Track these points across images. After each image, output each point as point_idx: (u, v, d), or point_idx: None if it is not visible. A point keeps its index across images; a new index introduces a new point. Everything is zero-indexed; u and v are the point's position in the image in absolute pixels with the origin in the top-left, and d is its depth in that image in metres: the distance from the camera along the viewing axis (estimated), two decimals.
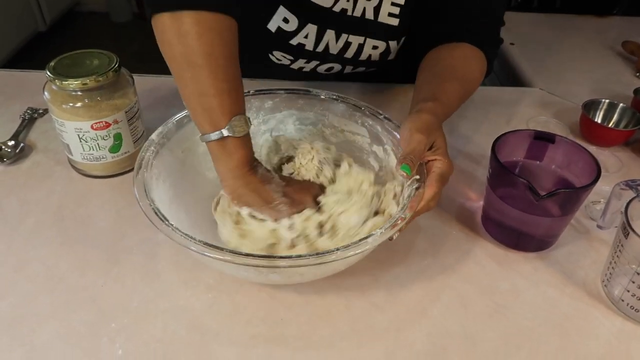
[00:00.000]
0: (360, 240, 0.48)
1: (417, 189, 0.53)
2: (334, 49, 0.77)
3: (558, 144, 0.61)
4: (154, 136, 0.58)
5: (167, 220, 0.49)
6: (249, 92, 0.65)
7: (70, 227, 0.62)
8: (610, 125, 0.82)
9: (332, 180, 0.62)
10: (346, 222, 0.55)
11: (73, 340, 0.50)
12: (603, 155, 0.77)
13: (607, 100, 0.82)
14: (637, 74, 1.02)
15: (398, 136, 0.60)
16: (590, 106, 0.82)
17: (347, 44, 0.76)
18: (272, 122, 0.68)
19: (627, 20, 1.26)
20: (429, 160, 0.56)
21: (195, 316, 0.53)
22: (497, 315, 0.54)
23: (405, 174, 0.52)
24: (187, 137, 0.61)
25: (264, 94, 0.66)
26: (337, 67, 0.82)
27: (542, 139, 0.62)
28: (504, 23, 0.76)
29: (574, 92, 0.93)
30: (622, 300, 0.54)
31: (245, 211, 0.55)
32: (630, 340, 0.52)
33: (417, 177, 0.54)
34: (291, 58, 0.80)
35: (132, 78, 0.68)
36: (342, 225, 0.55)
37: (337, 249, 0.47)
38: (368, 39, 0.75)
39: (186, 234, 0.48)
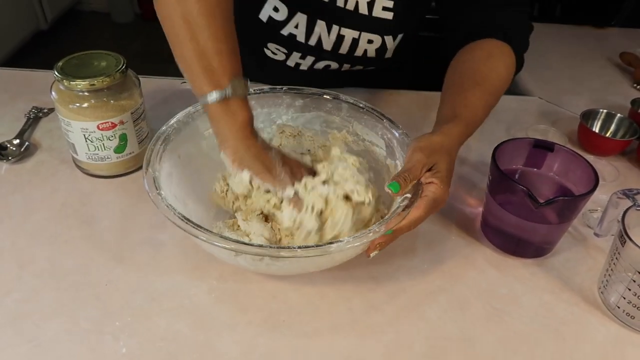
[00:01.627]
0: (357, 235, 0.49)
1: (404, 207, 0.52)
2: (328, 44, 0.77)
3: (557, 153, 0.62)
4: (163, 127, 0.60)
5: (175, 210, 0.50)
6: (282, 88, 0.67)
7: (74, 225, 0.63)
8: (607, 135, 0.83)
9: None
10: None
11: (78, 338, 0.51)
12: (600, 164, 0.78)
13: (605, 111, 0.84)
14: (635, 84, 1.03)
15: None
16: (589, 116, 0.83)
17: (340, 38, 0.76)
18: (300, 120, 0.69)
19: (625, 31, 1.27)
20: (425, 183, 0.54)
21: (198, 315, 0.53)
22: (494, 319, 0.55)
23: (391, 191, 0.51)
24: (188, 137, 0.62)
25: (296, 92, 0.68)
26: (334, 65, 0.82)
27: (542, 148, 0.63)
28: (529, 8, 0.71)
29: (572, 101, 0.95)
30: (618, 307, 0.55)
31: (246, 175, 0.55)
32: (625, 347, 0.53)
33: (408, 195, 0.53)
34: (285, 51, 0.81)
35: (138, 79, 0.69)
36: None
37: (330, 243, 0.48)
38: (363, 33, 0.75)
39: (195, 224, 0.48)
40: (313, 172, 0.58)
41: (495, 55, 0.66)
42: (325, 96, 0.68)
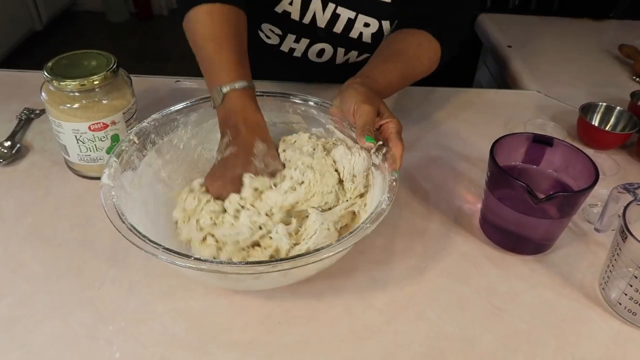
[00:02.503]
0: (347, 235, 0.48)
1: (385, 153, 0.56)
2: (322, 21, 0.77)
3: (556, 147, 0.61)
4: (131, 135, 0.59)
5: (135, 229, 0.49)
6: (171, 110, 0.63)
7: (67, 228, 0.62)
8: (607, 128, 0.82)
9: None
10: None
11: (71, 342, 0.50)
12: (600, 158, 0.77)
13: (604, 104, 0.83)
14: (634, 77, 1.02)
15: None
16: (588, 109, 0.82)
17: (336, 16, 0.77)
18: (201, 135, 0.65)
19: (624, 23, 1.26)
20: (380, 125, 0.59)
21: (193, 319, 0.53)
22: (494, 317, 0.54)
23: (372, 144, 0.56)
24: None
25: (188, 107, 0.64)
26: (328, 49, 0.82)
27: (541, 142, 0.62)
28: (476, 14, 0.77)
29: (570, 95, 0.94)
30: (620, 304, 0.54)
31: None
32: (626, 343, 0.52)
33: (380, 142, 0.57)
34: (279, 33, 0.81)
35: (130, 79, 0.68)
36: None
37: (315, 251, 0.47)
38: (360, 15, 0.76)
39: (153, 242, 0.47)
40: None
41: (424, 46, 0.72)
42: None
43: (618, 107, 0.82)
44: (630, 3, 1.32)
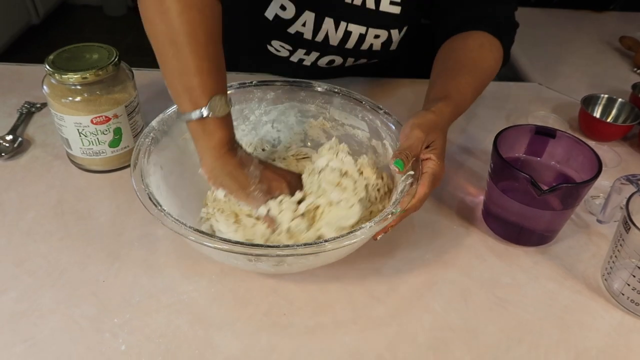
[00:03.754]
0: (348, 233, 0.48)
1: (410, 184, 0.53)
2: (334, 40, 0.76)
3: (559, 139, 0.61)
4: (154, 123, 0.59)
5: (160, 206, 0.49)
6: (251, 82, 0.66)
7: (70, 221, 0.62)
8: (608, 120, 0.82)
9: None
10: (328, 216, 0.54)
11: (75, 336, 0.50)
12: (602, 150, 0.77)
13: (605, 95, 0.83)
14: (635, 69, 1.02)
15: (395, 131, 0.60)
16: (589, 101, 0.82)
17: (348, 34, 0.75)
18: (273, 113, 0.68)
19: (624, 15, 1.26)
20: (423, 159, 0.56)
21: (198, 310, 0.53)
22: (497, 308, 0.55)
23: (397, 169, 0.52)
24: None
25: (267, 84, 0.66)
26: (338, 60, 0.81)
27: (543, 134, 0.62)
28: (517, 7, 0.74)
29: (572, 87, 0.94)
30: (622, 294, 0.54)
31: (221, 193, 0.55)
32: (629, 334, 0.53)
33: (412, 172, 0.54)
34: (290, 48, 0.80)
35: (132, 72, 0.68)
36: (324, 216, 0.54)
37: (326, 241, 0.47)
38: (370, 29, 0.75)
39: (177, 220, 0.47)
40: (300, 181, 0.58)
41: (486, 47, 0.69)
42: (296, 85, 0.66)
43: (620, 99, 0.82)
44: None
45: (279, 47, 0.81)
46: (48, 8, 2.91)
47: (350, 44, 0.77)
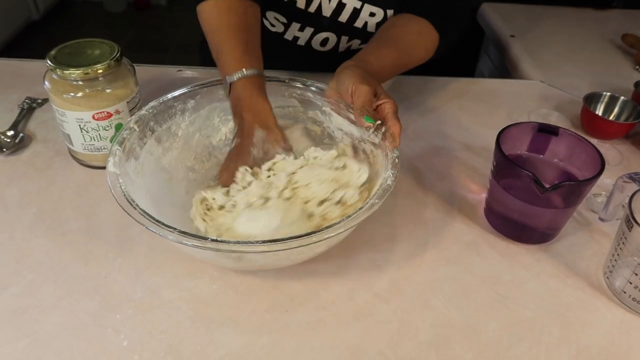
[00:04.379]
0: (351, 215, 0.48)
1: (384, 132, 0.56)
2: (327, 10, 0.77)
3: (561, 137, 0.61)
4: (131, 123, 0.59)
5: (147, 214, 0.49)
6: (167, 97, 0.63)
7: (71, 217, 0.62)
8: (611, 118, 0.82)
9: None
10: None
11: (78, 331, 0.50)
12: (604, 148, 0.77)
13: (608, 93, 0.83)
14: (637, 67, 1.02)
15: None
16: (592, 99, 0.82)
17: (341, 5, 0.76)
18: (199, 121, 0.65)
19: (627, 13, 1.26)
20: (377, 106, 0.59)
21: (199, 307, 0.53)
22: (499, 306, 0.55)
23: (371, 124, 0.56)
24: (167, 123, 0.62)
25: (184, 94, 0.64)
26: (332, 38, 0.82)
27: (546, 132, 0.62)
28: (476, 11, 0.76)
29: (574, 84, 0.94)
30: (624, 292, 0.54)
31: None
32: (631, 332, 0.53)
33: (379, 122, 0.57)
34: (284, 21, 0.81)
35: (133, 68, 0.68)
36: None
37: (331, 226, 0.47)
38: (366, 5, 0.76)
39: (159, 221, 0.48)
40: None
41: (422, 35, 0.72)
42: (210, 85, 0.64)
43: (622, 97, 0.82)
44: None
45: (273, 21, 0.82)
46: (48, 4, 2.91)
47: (344, 17, 0.78)
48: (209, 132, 0.66)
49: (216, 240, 0.46)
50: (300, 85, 0.66)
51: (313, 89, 0.65)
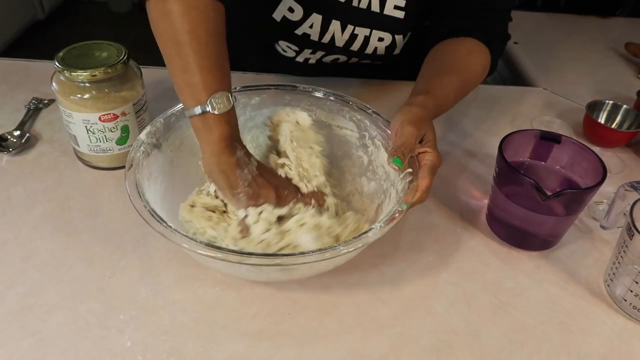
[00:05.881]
0: (359, 236, 0.49)
1: (410, 182, 0.53)
2: (340, 41, 0.77)
3: (564, 145, 0.62)
4: (142, 136, 0.58)
5: (165, 222, 0.48)
6: (235, 88, 0.64)
7: (76, 218, 0.62)
8: (613, 126, 0.82)
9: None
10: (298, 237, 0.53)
11: (82, 331, 0.50)
12: (605, 156, 0.77)
13: (610, 102, 0.83)
14: None
15: (388, 130, 0.60)
16: (594, 107, 0.83)
17: (354, 36, 0.76)
18: (258, 119, 0.66)
19: (630, 21, 1.26)
20: (419, 153, 0.56)
21: (203, 309, 0.53)
22: (500, 312, 0.55)
23: (397, 167, 0.53)
24: (176, 135, 0.61)
25: (251, 90, 0.65)
26: (342, 58, 0.82)
27: (548, 139, 0.62)
28: (512, 19, 0.76)
29: (576, 92, 0.94)
30: (625, 300, 0.54)
31: (212, 188, 0.57)
32: (631, 340, 0.53)
33: (410, 170, 0.54)
34: (296, 49, 0.81)
35: (140, 70, 0.68)
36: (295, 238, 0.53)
37: (335, 247, 0.47)
38: (374, 31, 0.76)
39: (185, 235, 0.48)
40: (294, 194, 0.58)
41: (474, 53, 0.71)
42: (281, 89, 0.66)
43: (624, 105, 0.83)
44: (636, 1, 1.31)
45: (285, 48, 0.82)
46: (53, 3, 2.92)
47: (356, 46, 0.78)
48: (267, 132, 0.66)
49: (216, 247, 0.46)
50: (359, 109, 0.64)
51: (371, 114, 0.63)
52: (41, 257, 0.57)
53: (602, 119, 0.83)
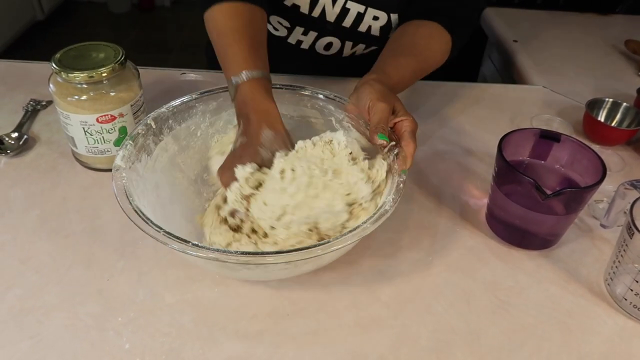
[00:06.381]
0: (353, 229, 0.48)
1: (397, 154, 0.55)
2: (331, 15, 0.77)
3: (563, 143, 0.62)
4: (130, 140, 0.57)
5: (151, 222, 0.49)
6: (191, 96, 0.63)
7: (74, 219, 0.62)
8: (613, 124, 0.82)
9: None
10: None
11: (80, 333, 0.50)
12: (605, 154, 0.77)
13: (610, 100, 0.83)
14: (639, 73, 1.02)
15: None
16: (594, 105, 0.82)
17: (345, 10, 0.77)
18: (219, 124, 0.66)
19: (630, 18, 1.26)
20: (395, 123, 0.58)
21: (201, 310, 0.53)
22: (500, 311, 0.55)
23: (385, 142, 0.55)
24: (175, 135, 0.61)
25: (207, 95, 0.64)
26: (336, 42, 0.82)
27: (548, 138, 0.62)
28: (486, 5, 0.76)
29: (576, 90, 0.94)
30: (625, 299, 0.54)
31: (227, 209, 0.56)
32: (632, 339, 0.53)
33: (393, 142, 0.56)
34: (287, 25, 0.81)
35: (138, 71, 0.68)
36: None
37: (330, 241, 0.47)
38: (369, 8, 0.76)
39: (169, 233, 0.48)
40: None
41: (435, 38, 0.72)
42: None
43: (624, 103, 0.82)
44: None
45: (276, 25, 0.82)
46: (53, 4, 2.92)
47: (348, 21, 0.78)
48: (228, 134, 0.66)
49: (199, 246, 0.46)
50: (319, 96, 0.65)
51: (332, 99, 0.64)
52: (39, 259, 0.57)
53: (602, 117, 0.83)
